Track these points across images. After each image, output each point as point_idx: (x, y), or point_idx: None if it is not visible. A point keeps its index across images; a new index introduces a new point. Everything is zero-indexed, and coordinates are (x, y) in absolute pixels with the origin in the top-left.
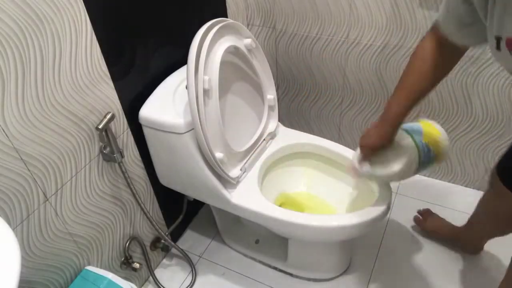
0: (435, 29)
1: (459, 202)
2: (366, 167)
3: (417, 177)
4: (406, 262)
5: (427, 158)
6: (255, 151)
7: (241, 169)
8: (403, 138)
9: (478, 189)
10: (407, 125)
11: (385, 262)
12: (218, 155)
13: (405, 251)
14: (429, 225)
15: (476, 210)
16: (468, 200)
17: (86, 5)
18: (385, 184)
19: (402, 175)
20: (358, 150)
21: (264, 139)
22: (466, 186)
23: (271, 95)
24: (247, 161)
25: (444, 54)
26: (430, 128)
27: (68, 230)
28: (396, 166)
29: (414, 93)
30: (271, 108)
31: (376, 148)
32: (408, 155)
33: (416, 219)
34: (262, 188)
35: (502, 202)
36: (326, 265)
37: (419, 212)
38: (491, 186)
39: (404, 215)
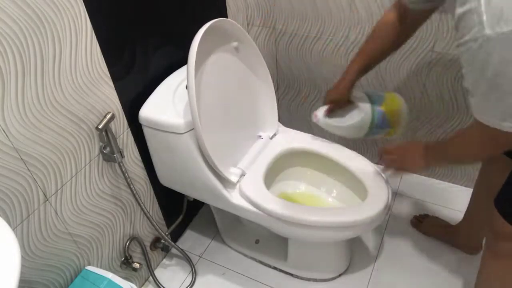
0: (396, 3)
1: (459, 202)
2: (321, 116)
3: (417, 177)
4: (406, 262)
5: (380, 124)
6: (255, 151)
7: (240, 169)
8: (363, 101)
9: None
10: (372, 91)
11: (385, 262)
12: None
13: (405, 251)
14: (426, 226)
15: (469, 204)
16: (468, 200)
17: (86, 5)
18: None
19: (351, 132)
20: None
21: (262, 139)
22: (466, 186)
23: (270, 96)
24: (247, 161)
25: (404, 21)
26: (393, 99)
27: (68, 230)
28: (346, 122)
29: (371, 53)
30: (271, 107)
31: (334, 100)
32: (362, 115)
33: (413, 222)
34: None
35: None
36: (326, 265)
37: (416, 216)
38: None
39: (404, 215)
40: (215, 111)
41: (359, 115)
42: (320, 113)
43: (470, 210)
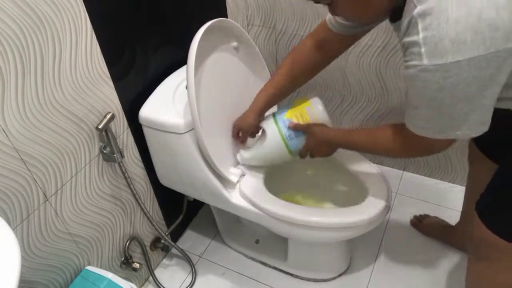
0: (314, 31)
1: (459, 202)
2: (242, 153)
3: (417, 177)
4: (406, 262)
5: (290, 131)
6: None
7: (240, 169)
8: (268, 124)
9: None
10: (281, 108)
11: (385, 262)
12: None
13: (405, 250)
14: (426, 226)
15: (463, 204)
16: None
17: (86, 5)
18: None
19: (275, 155)
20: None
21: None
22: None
23: None
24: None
25: (322, 48)
26: (298, 101)
27: (68, 230)
28: (259, 146)
29: (281, 81)
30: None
31: (241, 129)
32: (269, 131)
33: (413, 222)
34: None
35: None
36: (326, 265)
37: (416, 216)
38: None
39: (404, 215)
40: (215, 111)
41: (266, 138)
42: (241, 152)
43: (464, 211)
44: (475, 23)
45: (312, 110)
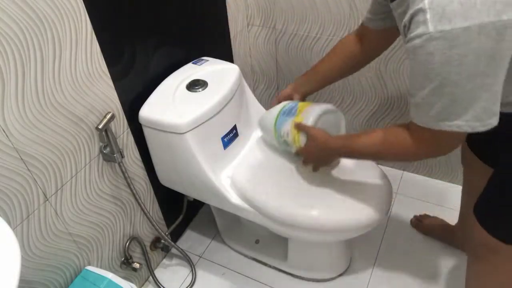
0: (355, 31)
1: (459, 202)
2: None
3: (417, 177)
4: (406, 262)
5: (288, 111)
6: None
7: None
8: (284, 103)
9: None
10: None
11: (385, 262)
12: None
13: (405, 250)
14: (426, 226)
15: (461, 205)
16: None
17: (86, 5)
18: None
19: (266, 127)
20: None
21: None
22: None
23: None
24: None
25: (364, 42)
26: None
27: (68, 230)
28: (264, 115)
29: (318, 67)
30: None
31: (279, 95)
32: (274, 108)
33: (413, 222)
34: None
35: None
36: (326, 265)
37: (416, 216)
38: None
39: (404, 215)
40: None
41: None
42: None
43: (462, 212)
44: None
45: (307, 115)
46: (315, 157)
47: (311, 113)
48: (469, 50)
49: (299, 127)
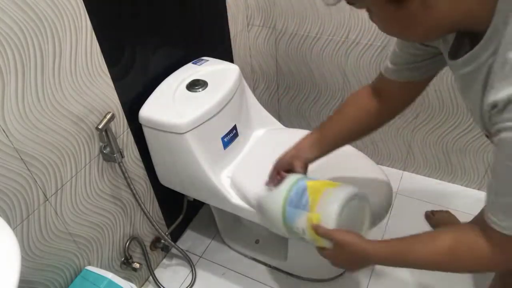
0: (372, 83)
1: (459, 202)
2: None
3: (417, 177)
4: None
5: (295, 199)
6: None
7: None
8: (289, 177)
9: (478, 189)
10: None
11: None
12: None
13: None
14: (436, 219)
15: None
16: (468, 200)
17: (86, 5)
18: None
19: (269, 213)
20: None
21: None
22: (466, 186)
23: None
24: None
25: (382, 97)
26: (333, 183)
27: (68, 230)
28: (264, 193)
29: (326, 127)
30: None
31: (274, 166)
32: (278, 188)
33: (427, 214)
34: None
35: None
36: (326, 265)
37: (431, 211)
38: None
39: (404, 215)
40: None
41: (279, 186)
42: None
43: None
44: None
45: (325, 213)
46: (346, 264)
47: (331, 212)
48: None
49: (320, 233)
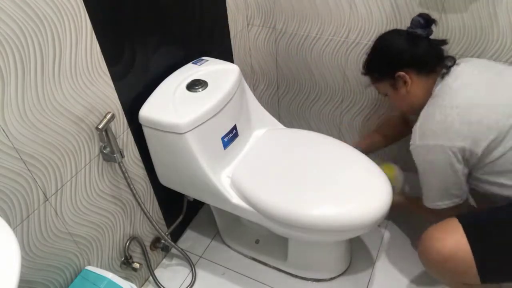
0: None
1: None
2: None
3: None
4: (406, 261)
5: None
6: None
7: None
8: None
9: None
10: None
11: (385, 262)
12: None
13: (406, 250)
14: None
15: None
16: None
17: (86, 5)
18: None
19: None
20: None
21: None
22: None
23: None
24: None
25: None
26: (387, 168)
27: (68, 230)
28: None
29: (372, 137)
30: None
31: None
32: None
33: None
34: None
35: None
36: (326, 265)
37: None
38: None
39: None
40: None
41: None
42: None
43: None
44: (442, 127)
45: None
46: None
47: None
48: (433, 157)
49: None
